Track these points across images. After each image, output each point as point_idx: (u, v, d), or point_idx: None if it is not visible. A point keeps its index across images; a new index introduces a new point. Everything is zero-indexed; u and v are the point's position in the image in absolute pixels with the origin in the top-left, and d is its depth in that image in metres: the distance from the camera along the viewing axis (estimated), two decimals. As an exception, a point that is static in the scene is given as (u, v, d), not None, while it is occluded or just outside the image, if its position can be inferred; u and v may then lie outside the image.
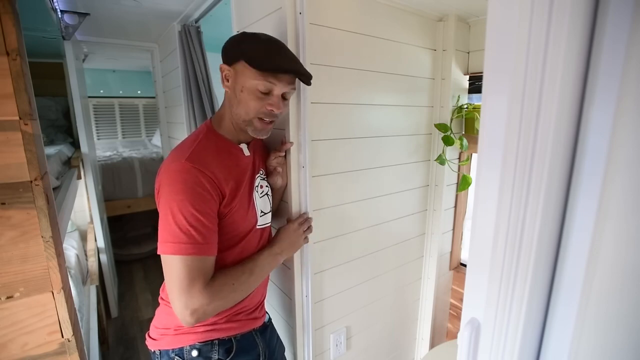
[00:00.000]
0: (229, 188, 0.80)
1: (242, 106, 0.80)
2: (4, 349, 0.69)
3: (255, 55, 0.76)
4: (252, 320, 0.93)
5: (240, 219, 0.84)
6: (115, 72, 4.46)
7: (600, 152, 0.35)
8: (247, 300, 0.91)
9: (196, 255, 0.71)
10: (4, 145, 0.64)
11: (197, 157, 0.76)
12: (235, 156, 0.86)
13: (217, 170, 0.77)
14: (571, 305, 0.39)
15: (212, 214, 0.75)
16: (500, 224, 0.40)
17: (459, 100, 1.46)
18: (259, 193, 0.92)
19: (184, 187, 0.71)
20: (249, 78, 0.77)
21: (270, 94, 0.80)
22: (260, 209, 0.92)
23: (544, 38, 0.33)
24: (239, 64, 0.78)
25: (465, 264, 1.73)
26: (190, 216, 0.70)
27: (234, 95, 0.81)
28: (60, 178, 1.54)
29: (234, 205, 0.81)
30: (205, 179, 0.74)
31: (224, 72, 0.82)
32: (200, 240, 0.71)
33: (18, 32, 0.63)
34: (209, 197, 0.74)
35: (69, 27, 1.79)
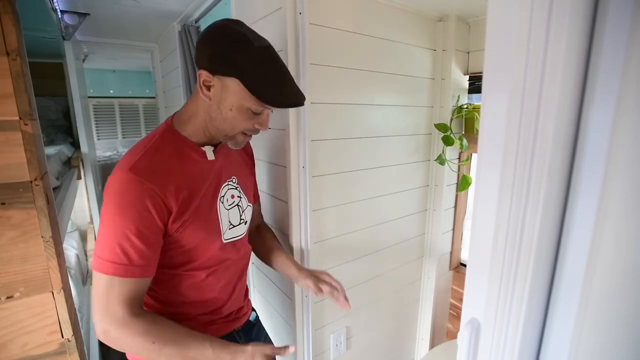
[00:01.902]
0: (180, 199, 0.71)
1: (228, 123, 0.72)
2: (4, 349, 0.69)
3: (257, 82, 0.67)
4: (231, 321, 0.89)
5: (196, 232, 0.75)
6: (115, 72, 4.46)
7: (600, 151, 0.35)
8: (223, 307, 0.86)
9: (117, 276, 0.65)
10: (4, 145, 0.64)
11: (144, 165, 0.67)
12: (194, 161, 0.76)
13: (167, 179, 0.69)
14: (571, 304, 0.39)
15: (148, 234, 0.67)
16: (500, 224, 0.40)
17: (459, 100, 1.46)
18: (227, 204, 0.82)
19: (121, 201, 0.65)
20: (243, 99, 0.69)
21: (261, 113, 0.74)
22: (229, 221, 0.83)
23: (544, 37, 0.33)
24: (230, 80, 0.68)
25: (465, 264, 1.73)
26: (121, 234, 0.64)
27: (218, 110, 0.71)
28: (60, 178, 1.54)
29: (187, 218, 0.72)
30: (148, 194, 0.66)
31: (203, 80, 0.70)
32: (126, 261, 0.65)
33: (18, 32, 0.63)
34: (147, 214, 0.66)
35: (69, 27, 1.79)
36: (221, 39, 0.68)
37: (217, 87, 0.70)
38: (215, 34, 0.68)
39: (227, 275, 0.85)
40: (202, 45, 0.69)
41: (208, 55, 0.68)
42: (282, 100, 0.71)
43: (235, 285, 0.89)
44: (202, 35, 0.70)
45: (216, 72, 0.68)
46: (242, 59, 0.66)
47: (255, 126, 0.74)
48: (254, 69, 0.67)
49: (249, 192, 0.90)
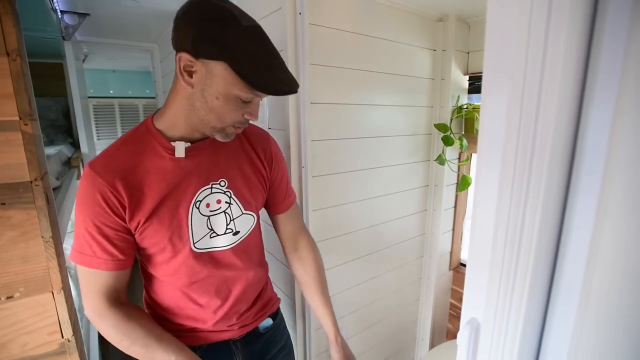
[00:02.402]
0: (133, 198, 0.66)
1: (215, 114, 0.64)
2: (4, 349, 0.69)
3: (247, 65, 0.60)
4: (221, 332, 0.80)
5: (155, 237, 0.69)
6: (115, 72, 4.46)
7: (600, 151, 0.35)
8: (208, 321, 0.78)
9: (85, 266, 0.65)
10: (4, 146, 0.64)
11: (102, 161, 0.66)
12: (160, 158, 0.68)
13: (121, 175, 0.65)
14: (571, 304, 0.39)
15: (106, 229, 0.65)
16: (500, 224, 0.40)
17: (459, 101, 1.46)
18: (206, 209, 0.73)
19: (80, 194, 0.65)
20: (231, 85, 0.61)
21: (251, 101, 0.66)
22: (209, 228, 0.74)
23: (543, 38, 0.33)
24: (216, 64, 0.60)
25: (465, 264, 1.73)
26: (82, 227, 0.65)
27: (202, 99, 0.63)
28: (60, 178, 1.54)
29: (141, 220, 0.67)
30: (98, 188, 0.63)
31: (184, 64, 0.61)
32: (90, 252, 0.65)
33: (18, 32, 0.63)
34: (100, 209, 0.64)
35: (69, 27, 1.79)
36: (205, 17, 0.59)
37: (200, 73, 0.61)
38: (198, 11, 0.59)
39: (210, 290, 0.77)
40: (184, 22, 0.60)
41: (192, 35, 0.59)
42: (275, 87, 0.62)
43: (225, 300, 0.78)
44: (183, 12, 0.61)
45: (199, 55, 0.60)
46: (229, 39, 0.58)
47: (245, 116, 0.67)
48: (244, 51, 0.59)
49: (246, 199, 0.78)
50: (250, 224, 0.80)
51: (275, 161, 0.84)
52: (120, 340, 0.67)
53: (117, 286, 0.69)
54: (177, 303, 0.77)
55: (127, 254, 0.69)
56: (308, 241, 0.92)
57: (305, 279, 0.90)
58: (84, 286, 0.68)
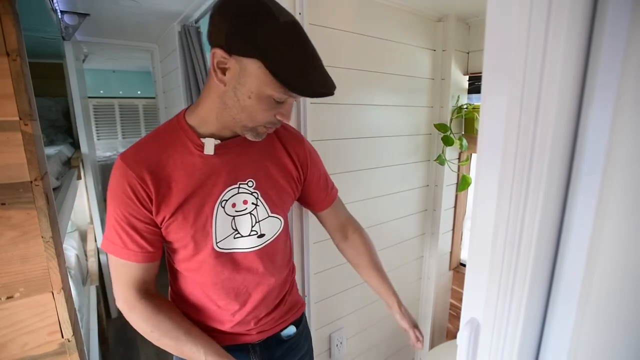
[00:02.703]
0: (160, 192, 0.65)
1: (247, 113, 0.63)
2: (4, 349, 0.69)
3: (282, 65, 0.57)
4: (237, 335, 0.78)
5: (179, 233, 0.68)
6: (115, 72, 4.47)
7: (600, 150, 0.35)
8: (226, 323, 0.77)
9: (117, 257, 0.67)
10: (4, 146, 0.64)
11: (133, 153, 0.66)
12: (190, 154, 0.67)
13: (150, 168, 0.64)
14: (570, 304, 0.40)
15: (135, 222, 0.65)
16: (500, 224, 0.40)
17: (459, 101, 1.46)
18: (232, 209, 0.71)
19: (111, 185, 0.66)
20: (264, 85, 0.59)
21: (284, 102, 0.63)
22: (234, 228, 0.72)
23: (543, 37, 0.33)
24: (250, 62, 0.57)
25: (465, 264, 1.73)
26: (112, 217, 0.66)
27: (234, 98, 0.62)
28: (60, 178, 1.54)
29: (166, 215, 0.66)
30: (127, 180, 0.63)
31: (218, 60, 0.59)
32: (120, 244, 0.66)
33: (18, 32, 0.63)
34: (129, 201, 0.64)
35: (69, 27, 1.79)
36: (241, 11, 0.56)
37: (233, 70, 0.59)
38: (234, 4, 0.57)
39: (230, 293, 0.75)
40: (220, 17, 0.58)
41: (226, 30, 0.56)
42: (311, 88, 0.59)
43: (244, 303, 0.76)
44: (219, 5, 0.58)
45: (234, 52, 0.58)
46: (264, 36, 0.55)
47: (277, 117, 0.64)
48: (279, 50, 0.56)
49: (273, 201, 0.76)
50: (276, 228, 0.78)
51: (311, 161, 0.83)
52: (150, 332, 0.68)
53: (146, 278, 0.70)
54: (198, 301, 0.76)
55: (156, 246, 0.69)
56: (355, 227, 0.94)
57: (358, 260, 0.92)
58: (115, 276, 0.69)
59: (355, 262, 0.93)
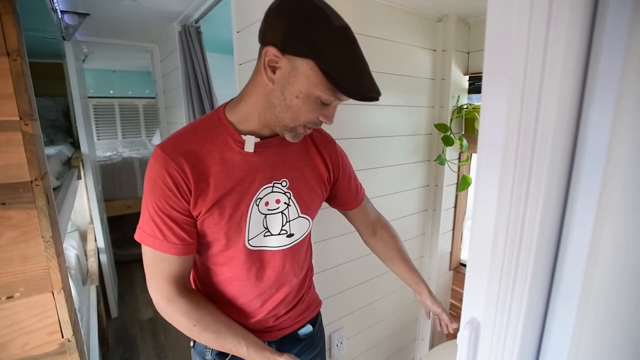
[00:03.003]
0: (199, 186, 0.66)
1: (291, 113, 0.63)
2: (4, 349, 0.69)
3: (335, 66, 0.57)
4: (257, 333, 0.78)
5: (213, 227, 0.69)
6: (115, 72, 4.47)
7: (600, 151, 0.35)
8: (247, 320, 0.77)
9: (157, 250, 0.65)
10: (4, 146, 0.64)
11: (173, 144, 0.66)
12: (229, 150, 0.68)
13: (190, 161, 0.65)
14: (571, 304, 0.40)
15: (175, 214, 0.65)
16: (500, 224, 0.40)
17: (459, 101, 1.46)
18: (265, 207, 0.72)
19: (149, 176, 0.65)
20: (314, 85, 0.59)
21: (330, 104, 0.64)
22: (264, 226, 0.73)
23: (544, 38, 0.33)
24: (303, 62, 0.58)
25: (465, 264, 1.73)
26: (151, 209, 0.65)
27: (281, 97, 0.62)
28: (61, 178, 1.54)
29: (202, 210, 0.67)
30: (168, 171, 0.63)
31: (269, 59, 0.60)
32: (160, 236, 0.65)
33: (18, 32, 0.63)
34: (171, 194, 0.64)
35: (69, 27, 1.79)
36: (298, 12, 0.58)
37: (284, 69, 0.60)
38: (292, 5, 0.58)
39: (254, 291, 0.76)
40: (276, 16, 0.59)
41: (282, 29, 0.57)
42: (360, 92, 0.60)
43: (265, 301, 0.78)
44: (276, 4, 0.60)
45: (287, 51, 0.58)
46: (320, 38, 0.57)
47: (320, 118, 0.65)
48: (332, 52, 0.57)
49: (305, 202, 0.77)
50: (305, 229, 0.79)
51: (342, 163, 0.85)
52: (193, 327, 0.67)
53: (184, 272, 0.69)
54: (220, 296, 0.77)
55: (194, 238, 0.69)
56: (383, 223, 0.98)
57: (388, 254, 0.96)
58: (151, 270, 0.67)
59: (385, 255, 0.97)
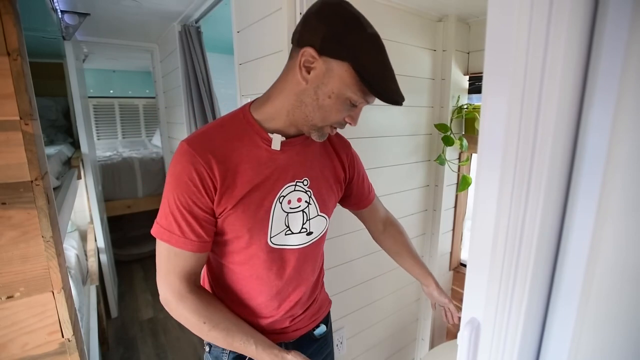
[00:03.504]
0: (225, 183, 0.66)
1: (322, 112, 0.66)
2: (4, 349, 0.69)
3: (371, 69, 0.62)
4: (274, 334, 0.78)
5: (236, 225, 0.69)
6: (116, 72, 4.47)
7: (600, 151, 0.35)
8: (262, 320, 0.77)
9: (173, 245, 0.65)
10: (4, 145, 0.64)
11: (200, 140, 0.66)
12: (257, 147, 0.69)
13: (218, 157, 0.65)
14: (571, 304, 0.40)
15: (197, 210, 0.65)
16: (500, 224, 0.40)
17: (459, 101, 1.46)
18: (287, 206, 0.73)
19: (174, 170, 0.65)
20: (347, 87, 0.63)
21: (357, 106, 0.68)
22: (286, 225, 0.74)
23: (544, 38, 0.33)
24: (338, 64, 0.62)
25: (465, 264, 1.73)
26: (173, 204, 0.65)
27: (314, 96, 0.65)
28: (61, 178, 1.54)
29: (228, 207, 0.67)
30: (195, 167, 0.63)
31: (305, 59, 0.63)
32: (178, 232, 0.65)
33: (19, 32, 0.63)
34: (195, 189, 0.64)
35: (69, 27, 1.79)
36: (338, 17, 0.62)
37: (319, 70, 0.63)
38: (333, 10, 0.62)
39: (273, 289, 0.76)
40: (316, 19, 0.62)
41: (323, 32, 0.61)
42: (389, 94, 0.64)
43: (283, 300, 0.78)
44: (317, 8, 0.63)
45: (324, 53, 0.62)
46: (356, 42, 0.61)
47: (346, 119, 0.69)
48: (367, 56, 0.62)
49: (323, 201, 0.79)
50: (323, 227, 0.81)
51: (357, 163, 0.89)
52: (203, 324, 0.67)
53: (196, 269, 0.69)
54: (237, 296, 0.77)
55: (211, 236, 0.69)
56: (391, 220, 1.01)
57: (396, 248, 0.99)
58: (165, 266, 0.67)
59: (393, 250, 1.00)
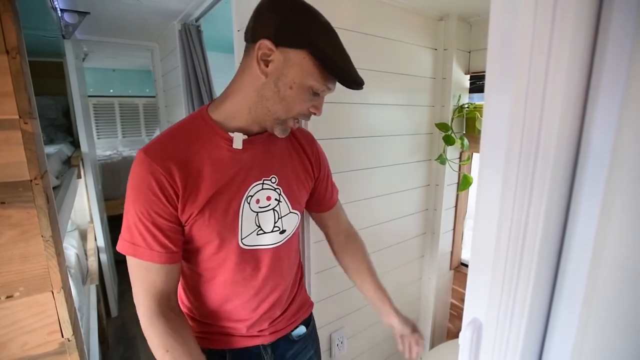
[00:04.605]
0: (187, 188, 0.64)
1: (284, 104, 0.65)
2: (4, 349, 0.69)
3: (328, 53, 0.61)
4: (250, 337, 0.78)
5: (204, 230, 0.67)
6: (115, 71, 4.46)
7: (604, 151, 0.35)
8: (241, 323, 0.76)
9: (139, 259, 0.63)
10: (3, 144, 0.63)
11: (157, 147, 0.64)
12: (218, 148, 0.67)
13: (177, 163, 0.63)
14: (574, 305, 0.39)
15: (160, 220, 0.63)
16: (503, 224, 0.40)
17: (460, 100, 1.46)
18: (256, 205, 0.71)
19: (133, 182, 0.63)
20: (307, 74, 0.62)
21: (319, 95, 0.67)
22: (257, 225, 0.72)
23: (548, 35, 0.33)
24: (296, 52, 0.61)
25: (465, 264, 1.72)
26: (135, 216, 0.62)
27: (274, 89, 0.64)
28: (60, 177, 1.53)
29: (194, 212, 0.65)
30: (153, 175, 0.61)
31: (262, 52, 0.61)
32: (143, 244, 0.63)
33: (18, 30, 0.63)
34: (156, 199, 0.62)
35: (69, 25, 1.78)
36: (291, 7, 0.62)
37: (277, 62, 0.62)
38: (284, 1, 0.62)
39: (250, 291, 0.74)
40: (269, 11, 0.62)
41: (276, 22, 0.60)
42: (351, 77, 0.64)
43: (261, 302, 0.76)
44: (269, 2, 0.63)
45: (280, 43, 0.61)
46: (312, 30, 0.61)
47: (310, 110, 0.68)
48: (324, 42, 0.62)
49: (294, 197, 0.77)
50: (295, 223, 0.79)
51: (322, 160, 0.86)
52: (165, 352, 0.64)
53: (168, 285, 0.66)
54: (214, 303, 0.75)
55: (179, 246, 0.67)
56: (354, 234, 0.95)
57: (356, 266, 0.91)
58: (136, 283, 0.65)
59: (353, 268, 0.92)
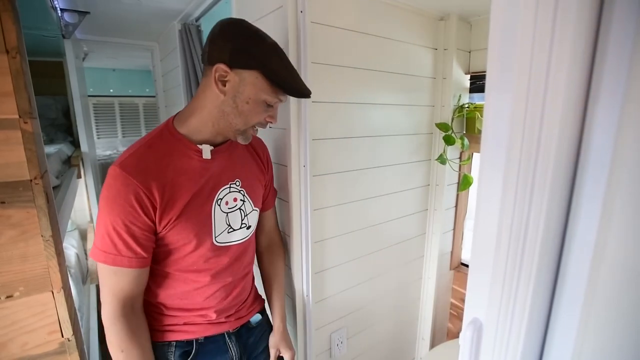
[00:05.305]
0: (165, 198, 0.71)
1: (243, 117, 0.74)
2: (4, 349, 0.69)
3: (277, 71, 0.72)
4: (218, 324, 0.86)
5: (182, 233, 0.75)
6: (115, 71, 4.46)
7: (605, 151, 0.35)
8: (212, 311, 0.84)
9: (109, 265, 0.69)
10: (3, 144, 0.63)
11: (132, 162, 0.69)
12: (188, 159, 0.75)
13: (153, 176, 0.70)
14: (575, 305, 0.39)
15: (134, 229, 0.69)
16: (503, 224, 0.40)
17: (460, 100, 1.46)
18: (225, 207, 0.82)
19: (108, 194, 0.68)
20: (260, 91, 0.72)
21: (273, 106, 0.77)
22: (227, 224, 0.82)
23: (549, 35, 0.33)
24: (249, 73, 0.71)
25: (465, 264, 1.72)
26: (109, 226, 0.68)
27: (233, 105, 0.73)
28: (60, 177, 1.53)
29: (172, 217, 0.73)
30: (131, 189, 0.67)
31: (219, 74, 0.71)
32: (114, 251, 0.69)
33: (18, 30, 0.63)
34: (132, 210, 0.68)
35: (69, 25, 1.78)
36: (241, 34, 0.71)
37: (233, 81, 0.71)
38: (234, 29, 0.71)
39: (219, 281, 0.84)
40: (223, 39, 0.70)
41: (229, 49, 0.69)
42: (299, 90, 0.75)
43: (230, 291, 0.87)
44: (220, 30, 0.71)
45: (235, 66, 0.70)
46: (262, 52, 0.71)
47: (266, 119, 0.78)
48: (272, 62, 0.71)
49: (255, 196, 0.89)
50: (256, 219, 0.91)
51: (270, 165, 0.99)
52: (120, 352, 0.72)
53: (134, 290, 0.73)
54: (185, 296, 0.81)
55: (149, 252, 0.73)
56: (280, 239, 1.07)
57: (272, 272, 1.01)
58: (104, 285, 0.71)
59: (270, 272, 1.01)
